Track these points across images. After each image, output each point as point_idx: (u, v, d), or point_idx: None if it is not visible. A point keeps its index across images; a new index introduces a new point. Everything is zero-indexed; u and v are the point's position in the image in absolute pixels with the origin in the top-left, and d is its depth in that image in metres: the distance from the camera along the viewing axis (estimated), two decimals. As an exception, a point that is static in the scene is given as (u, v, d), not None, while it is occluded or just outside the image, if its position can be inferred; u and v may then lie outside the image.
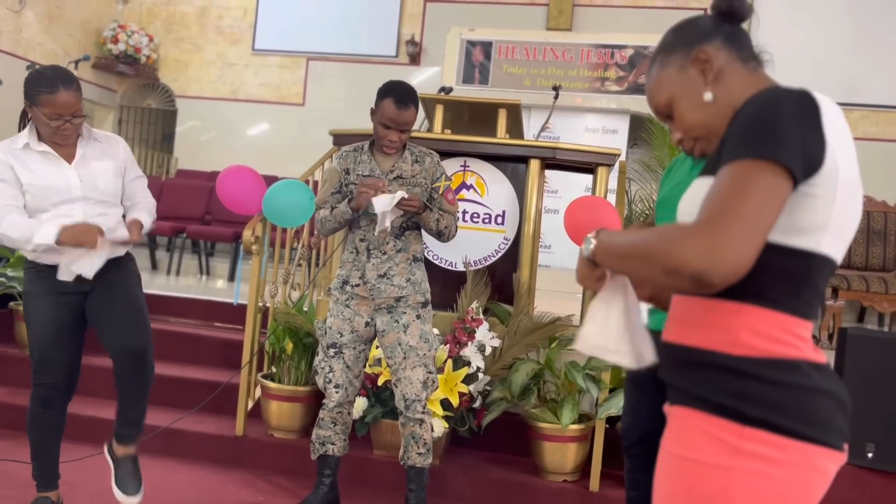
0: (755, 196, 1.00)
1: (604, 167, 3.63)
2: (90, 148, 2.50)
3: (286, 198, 3.09)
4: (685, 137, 1.24)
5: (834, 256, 1.12)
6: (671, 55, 1.23)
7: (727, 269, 0.98)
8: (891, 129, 7.25)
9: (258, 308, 3.47)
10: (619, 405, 3.08)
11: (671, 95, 1.22)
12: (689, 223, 1.03)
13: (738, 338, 1.09)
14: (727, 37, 1.20)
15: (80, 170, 2.45)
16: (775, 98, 1.07)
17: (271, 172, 6.84)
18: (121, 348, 2.52)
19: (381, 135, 2.67)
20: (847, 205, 1.09)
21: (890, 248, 5.39)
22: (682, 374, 1.15)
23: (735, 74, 1.18)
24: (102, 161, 2.51)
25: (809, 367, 1.09)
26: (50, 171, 2.42)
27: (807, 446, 1.06)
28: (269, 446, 3.43)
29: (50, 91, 2.31)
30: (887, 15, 7.23)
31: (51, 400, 2.56)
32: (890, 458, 3.14)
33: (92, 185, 2.46)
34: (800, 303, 1.10)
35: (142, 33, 8.86)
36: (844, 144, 1.09)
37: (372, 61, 8.56)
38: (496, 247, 3.70)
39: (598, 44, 7.88)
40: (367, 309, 2.74)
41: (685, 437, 1.12)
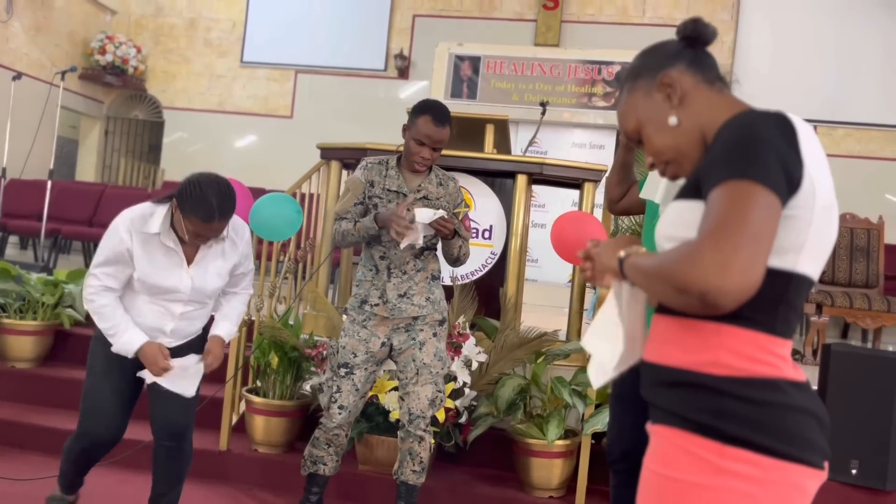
0: (753, 214, 1.02)
1: (590, 183, 3.65)
2: (214, 247, 2.44)
3: (273, 211, 3.09)
4: (656, 161, 1.26)
5: (811, 275, 1.13)
6: (637, 81, 1.26)
7: (735, 289, 0.99)
8: (873, 146, 7.34)
9: (243, 321, 3.45)
10: (604, 421, 3.08)
11: (639, 121, 1.25)
12: (694, 240, 1.03)
13: (719, 358, 1.10)
14: (691, 60, 1.23)
15: (195, 272, 2.43)
16: (754, 122, 1.09)
17: (259, 185, 6.82)
18: (162, 426, 2.53)
19: (414, 151, 2.63)
20: (823, 225, 1.11)
21: (873, 264, 5.44)
22: (663, 394, 1.16)
23: (700, 97, 1.21)
24: (220, 262, 2.47)
25: (788, 386, 1.10)
26: (167, 272, 2.39)
27: (786, 465, 1.07)
28: (254, 461, 3.40)
29: (204, 220, 2.26)
30: (870, 34, 7.34)
31: (89, 451, 2.54)
32: (874, 475, 3.16)
33: (200, 288, 2.44)
34: (778, 322, 1.11)
35: (130, 44, 8.85)
36: (820, 165, 1.11)
37: (360, 75, 8.58)
38: (483, 261, 3.70)
39: (586, 60, 7.95)
40: (384, 329, 2.70)
41: (667, 455, 1.13)
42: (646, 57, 1.27)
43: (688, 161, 1.20)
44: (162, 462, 2.59)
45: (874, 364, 3.20)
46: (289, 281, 3.99)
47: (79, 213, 7.07)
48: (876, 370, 3.18)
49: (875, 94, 7.34)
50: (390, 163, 2.74)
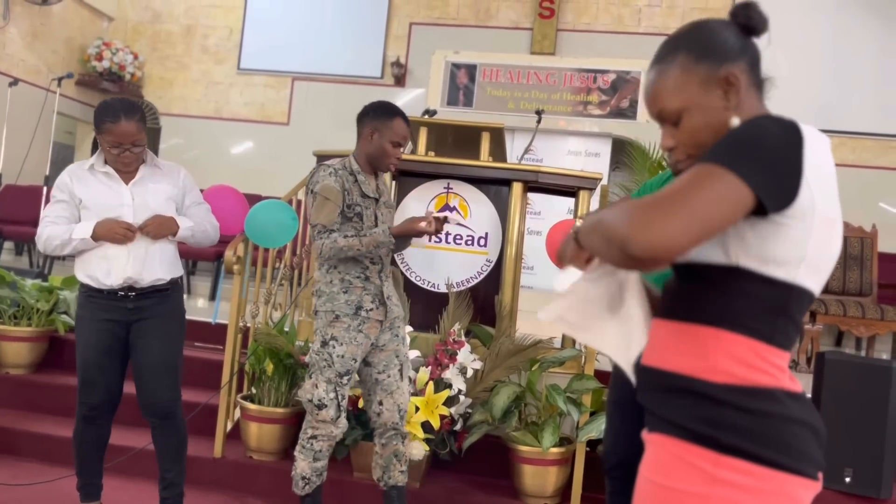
0: (706, 193, 1.01)
1: (585, 191, 3.67)
2: (150, 172, 2.69)
3: (269, 218, 3.09)
4: (680, 148, 1.20)
5: (811, 288, 1.12)
6: (699, 63, 1.15)
7: (651, 246, 0.98)
8: (867, 155, 7.38)
9: (239, 328, 3.45)
10: (599, 428, 3.09)
11: (685, 106, 1.17)
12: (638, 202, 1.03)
13: (717, 364, 1.09)
14: (752, 60, 1.17)
15: (134, 188, 2.64)
16: (762, 125, 1.08)
17: (255, 191, 6.82)
18: (147, 403, 2.70)
19: (390, 153, 2.69)
20: (825, 239, 1.10)
21: (866, 272, 5.47)
22: (659, 400, 1.16)
23: (749, 101, 1.17)
24: (159, 184, 2.69)
25: (785, 396, 1.10)
26: (105, 189, 2.62)
27: (781, 475, 1.07)
28: (249, 468, 3.39)
29: (112, 120, 2.51)
30: (865, 44, 7.39)
31: (91, 419, 2.70)
32: (867, 483, 3.16)
33: (143, 204, 2.63)
34: (776, 332, 1.11)
35: (126, 51, 8.85)
36: (825, 180, 1.09)
37: (357, 82, 8.60)
38: (479, 268, 3.71)
39: (581, 68, 7.98)
40: (375, 332, 2.72)
41: (662, 464, 1.13)
42: (707, 34, 1.17)
43: None
44: (158, 440, 2.75)
45: (868, 372, 3.22)
46: (284, 287, 3.99)
47: (74, 219, 7.05)
48: (869, 378, 3.19)
49: (869, 104, 7.38)
50: (351, 167, 2.71)
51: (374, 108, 2.74)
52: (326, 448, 2.71)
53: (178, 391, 2.73)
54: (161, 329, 2.68)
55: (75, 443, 2.74)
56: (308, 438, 2.70)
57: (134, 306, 2.65)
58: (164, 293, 2.70)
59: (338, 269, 2.69)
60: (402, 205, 3.74)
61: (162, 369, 2.67)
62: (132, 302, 2.64)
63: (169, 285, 2.71)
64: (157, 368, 2.66)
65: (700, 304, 1.13)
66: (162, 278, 2.68)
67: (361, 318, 2.68)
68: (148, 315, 2.66)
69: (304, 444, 2.71)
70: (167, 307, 2.71)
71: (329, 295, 2.68)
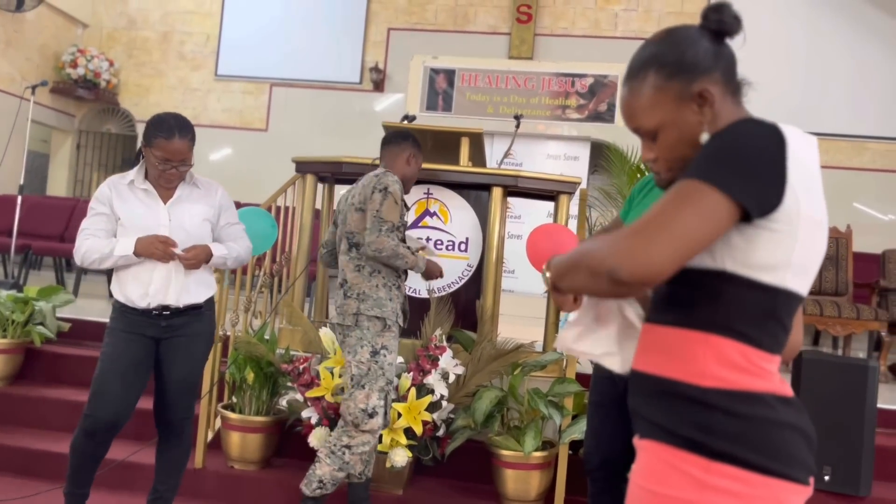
0: (687, 212, 1.01)
1: (565, 195, 3.68)
2: (188, 191, 2.67)
3: (247, 226, 3.07)
4: (661, 161, 1.20)
5: (799, 291, 1.12)
6: (670, 81, 1.15)
7: (638, 271, 0.99)
8: (840, 156, 7.49)
9: (219, 337, 3.42)
10: (581, 431, 3.10)
11: (661, 124, 1.17)
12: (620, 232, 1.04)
13: (706, 368, 1.09)
14: (726, 68, 1.16)
15: (172, 209, 2.62)
16: (744, 131, 1.07)
17: (234, 198, 6.76)
18: (164, 419, 2.69)
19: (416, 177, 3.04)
20: (811, 241, 1.10)
21: (842, 272, 5.54)
22: (650, 405, 1.15)
23: (724, 110, 1.16)
24: (196, 204, 2.67)
25: (776, 401, 1.10)
26: (143, 208, 2.60)
27: (771, 481, 1.06)
28: (231, 478, 3.36)
29: (166, 136, 2.50)
30: (834, 47, 7.51)
31: (92, 434, 2.60)
32: (846, 481, 3.20)
33: (179, 225, 2.61)
34: (765, 336, 1.10)
35: (102, 58, 8.77)
36: (809, 182, 1.09)
37: (336, 88, 8.58)
38: (460, 273, 3.71)
39: (559, 72, 8.03)
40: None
41: (654, 471, 1.12)
42: (677, 50, 1.15)
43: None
44: (163, 453, 2.74)
45: (845, 371, 3.26)
46: (264, 295, 3.97)
47: (50, 229, 6.96)
48: (846, 377, 3.23)
49: (843, 105, 7.50)
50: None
51: (414, 137, 2.99)
52: (356, 462, 2.79)
53: (192, 410, 2.74)
54: (188, 348, 2.66)
55: (72, 451, 2.64)
56: (342, 447, 2.74)
57: (167, 324, 2.63)
58: (198, 311, 2.68)
59: (381, 273, 2.80)
60: (382, 211, 3.73)
61: (184, 387, 2.67)
62: (165, 320, 2.62)
63: (202, 304, 2.70)
64: (180, 386, 2.66)
65: (689, 308, 1.13)
66: (196, 300, 2.66)
67: (399, 326, 2.84)
68: (179, 333, 2.64)
69: (334, 451, 2.75)
70: (198, 326, 2.69)
71: (376, 300, 2.77)
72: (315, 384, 3.26)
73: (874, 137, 7.44)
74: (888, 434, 3.71)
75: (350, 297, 2.78)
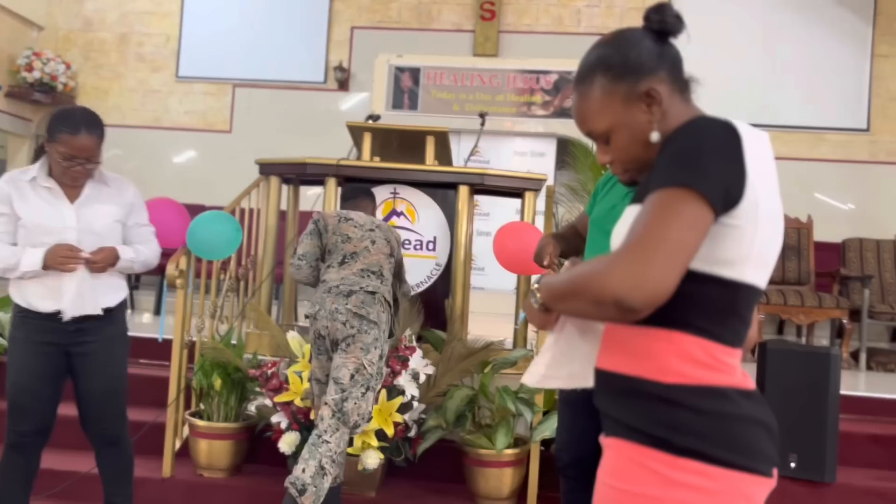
0: (676, 224, 1.02)
1: (531, 192, 3.69)
2: (97, 190, 2.50)
3: (211, 230, 3.03)
4: (616, 164, 1.22)
5: (758, 284, 1.14)
6: (617, 83, 1.16)
7: (647, 295, 1.00)
8: (800, 147, 7.62)
9: (184, 343, 3.37)
10: (553, 427, 3.11)
11: (612, 126, 1.18)
12: (611, 254, 1.04)
13: (668, 365, 1.10)
14: (671, 66, 1.17)
15: (80, 209, 2.45)
16: (700, 130, 1.09)
17: (198, 201, 6.68)
18: (93, 431, 2.57)
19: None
20: (770, 234, 1.12)
21: (804, 262, 5.64)
22: (615, 403, 1.16)
23: (674, 108, 1.17)
24: (105, 205, 2.50)
25: (737, 394, 1.11)
26: (47, 208, 2.42)
27: (735, 474, 1.08)
28: (199, 487, 3.31)
29: (71, 132, 2.32)
30: (795, 41, 7.63)
31: (20, 446, 2.51)
32: (811, 468, 3.26)
33: (88, 227, 2.44)
34: (726, 331, 1.12)
35: (58, 60, 8.56)
36: (766, 174, 1.11)
37: (300, 87, 8.50)
38: (428, 273, 3.70)
39: (524, 69, 8.05)
40: None
41: (619, 468, 1.13)
42: (621, 52, 1.17)
43: (647, 168, 1.17)
44: (104, 466, 2.63)
45: (808, 359, 3.31)
46: (230, 299, 3.91)
47: (8, 236, 6.79)
48: (810, 365, 3.29)
49: (801, 98, 7.63)
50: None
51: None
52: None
53: (124, 417, 2.62)
54: (106, 354, 2.53)
55: (1, 471, 2.53)
56: (340, 453, 2.68)
57: (76, 328, 2.47)
58: (108, 315, 2.54)
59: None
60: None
61: (107, 397, 2.54)
62: (73, 324, 2.47)
63: (114, 308, 2.57)
64: (103, 396, 2.53)
65: None
66: (107, 305, 2.53)
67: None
68: (92, 339, 2.50)
69: (335, 460, 2.66)
70: (111, 329, 2.55)
71: (389, 311, 2.89)
72: (284, 388, 3.22)
73: (832, 129, 7.59)
74: (851, 420, 3.79)
75: (378, 299, 2.84)
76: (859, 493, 3.32)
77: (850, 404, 3.85)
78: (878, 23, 7.60)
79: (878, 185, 7.57)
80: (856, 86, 7.57)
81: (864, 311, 5.21)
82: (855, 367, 5.19)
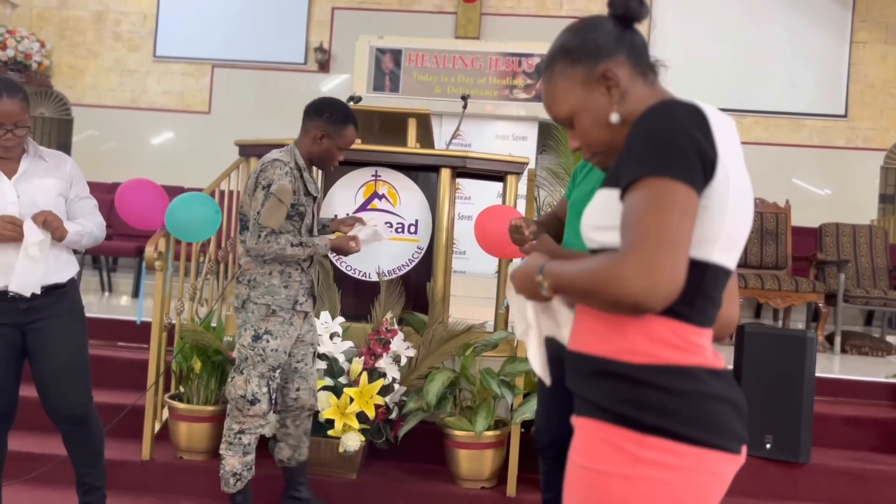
0: (672, 217, 1.04)
1: (513, 175, 3.69)
2: (34, 165, 2.47)
3: (190, 212, 3.00)
4: (585, 150, 1.24)
5: (727, 265, 1.15)
6: (575, 67, 1.19)
7: (662, 295, 1.02)
8: (780, 133, 7.69)
9: (163, 326, 3.34)
10: (533, 409, 3.13)
11: (573, 110, 1.21)
12: (618, 254, 1.05)
13: (636, 345, 1.11)
14: (630, 50, 1.19)
15: (19, 185, 2.42)
16: (668, 113, 1.10)
17: (177, 183, 6.60)
18: (56, 410, 2.49)
19: (335, 157, 2.75)
20: (738, 214, 1.13)
21: (781, 246, 5.71)
22: (585, 383, 1.18)
23: (636, 90, 1.19)
24: (45, 178, 2.47)
25: (705, 374, 1.12)
26: None
27: (702, 451, 1.09)
28: (180, 469, 3.30)
29: None
30: (774, 27, 7.67)
31: None
32: (786, 449, 3.32)
33: (30, 202, 2.40)
34: (694, 311, 1.13)
35: (32, 38, 8.39)
36: (734, 155, 1.13)
37: (280, 68, 8.41)
38: (410, 256, 3.69)
39: (506, 52, 8.01)
40: (300, 323, 2.80)
41: (588, 447, 1.15)
42: (581, 37, 1.20)
43: (617, 153, 1.18)
44: (72, 447, 2.59)
45: (785, 342, 3.37)
46: (210, 282, 3.88)
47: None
48: (786, 348, 3.34)
49: (780, 84, 7.68)
50: (298, 162, 2.74)
51: (329, 112, 2.70)
52: (254, 441, 2.73)
53: (89, 393, 2.56)
54: (63, 330, 2.48)
55: None
56: (235, 434, 2.68)
57: (27, 307, 2.42)
58: (61, 291, 2.49)
59: (278, 266, 2.71)
60: (329, 194, 3.68)
61: (69, 373, 2.49)
62: (25, 302, 2.41)
63: (66, 283, 2.51)
64: (64, 373, 2.48)
65: None
66: (58, 280, 2.48)
67: (293, 313, 2.73)
68: (45, 315, 2.45)
69: (230, 441, 2.69)
70: (65, 305, 2.50)
71: (268, 287, 2.69)
72: (264, 371, 3.21)
73: (811, 115, 7.66)
74: (825, 402, 3.86)
75: (241, 282, 2.72)
76: (833, 472, 3.39)
77: (825, 386, 3.92)
78: (858, 9, 7.66)
79: (855, 170, 7.66)
80: (834, 72, 7.64)
81: (839, 295, 5.29)
82: (830, 350, 5.28)
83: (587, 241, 1.22)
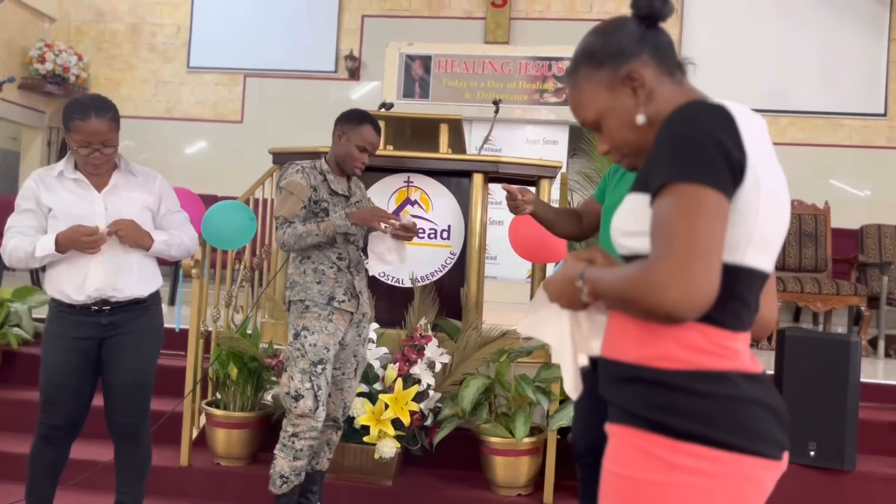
0: (702, 223, 1.02)
1: (546, 179, 3.67)
2: (124, 180, 2.53)
3: (226, 220, 3.03)
4: (614, 153, 1.24)
5: (762, 268, 1.12)
6: (599, 69, 1.19)
7: (697, 305, 1.01)
8: (817, 133, 7.54)
9: (200, 333, 3.38)
10: (569, 416, 3.10)
11: (600, 112, 1.20)
12: (649, 263, 1.03)
13: (668, 351, 1.09)
14: (654, 49, 1.18)
15: (108, 198, 2.48)
16: (694, 115, 1.07)
17: (210, 192, 6.69)
18: (113, 423, 2.57)
19: (356, 157, 2.77)
20: (771, 215, 1.10)
21: (821, 249, 5.59)
22: (617, 390, 1.16)
23: (662, 90, 1.18)
24: (134, 192, 2.53)
25: (739, 378, 1.09)
26: (75, 198, 2.45)
27: (738, 457, 1.06)
28: (216, 475, 3.33)
29: (81, 118, 2.34)
30: (810, 25, 7.54)
31: (51, 439, 2.54)
32: (831, 456, 3.23)
33: (117, 213, 2.45)
34: (727, 315, 1.10)
35: (70, 52, 8.58)
36: (764, 155, 1.10)
37: (311, 77, 8.48)
38: (443, 262, 3.68)
39: (536, 56, 7.99)
40: (343, 325, 2.76)
41: (622, 455, 1.13)
42: (604, 39, 1.20)
43: (646, 153, 1.17)
44: (120, 460, 2.63)
45: (827, 346, 3.29)
46: (245, 289, 3.92)
47: (23, 228, 6.83)
48: (828, 352, 3.26)
49: (816, 83, 7.53)
50: (322, 167, 2.81)
51: (347, 114, 2.83)
52: (307, 448, 2.71)
53: (146, 413, 2.61)
54: (135, 347, 2.52)
55: (30, 463, 2.57)
56: (289, 437, 2.69)
57: (108, 321, 2.48)
58: (142, 306, 2.54)
59: (311, 259, 2.74)
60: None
61: (130, 390, 2.53)
62: (106, 317, 2.47)
63: (147, 298, 2.56)
64: (126, 389, 2.53)
65: None
66: (140, 294, 2.52)
67: (332, 308, 2.72)
68: (123, 331, 2.50)
69: (284, 443, 2.70)
70: (144, 322, 2.54)
71: (302, 285, 2.73)
72: (300, 378, 3.23)
73: (849, 114, 7.49)
74: (871, 408, 3.75)
75: (286, 287, 2.82)
76: (879, 480, 3.29)
77: (870, 392, 3.82)
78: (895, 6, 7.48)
79: (896, 170, 7.47)
80: (873, 70, 7.47)
81: (882, 298, 5.16)
82: (873, 354, 5.14)
83: (617, 247, 1.20)
